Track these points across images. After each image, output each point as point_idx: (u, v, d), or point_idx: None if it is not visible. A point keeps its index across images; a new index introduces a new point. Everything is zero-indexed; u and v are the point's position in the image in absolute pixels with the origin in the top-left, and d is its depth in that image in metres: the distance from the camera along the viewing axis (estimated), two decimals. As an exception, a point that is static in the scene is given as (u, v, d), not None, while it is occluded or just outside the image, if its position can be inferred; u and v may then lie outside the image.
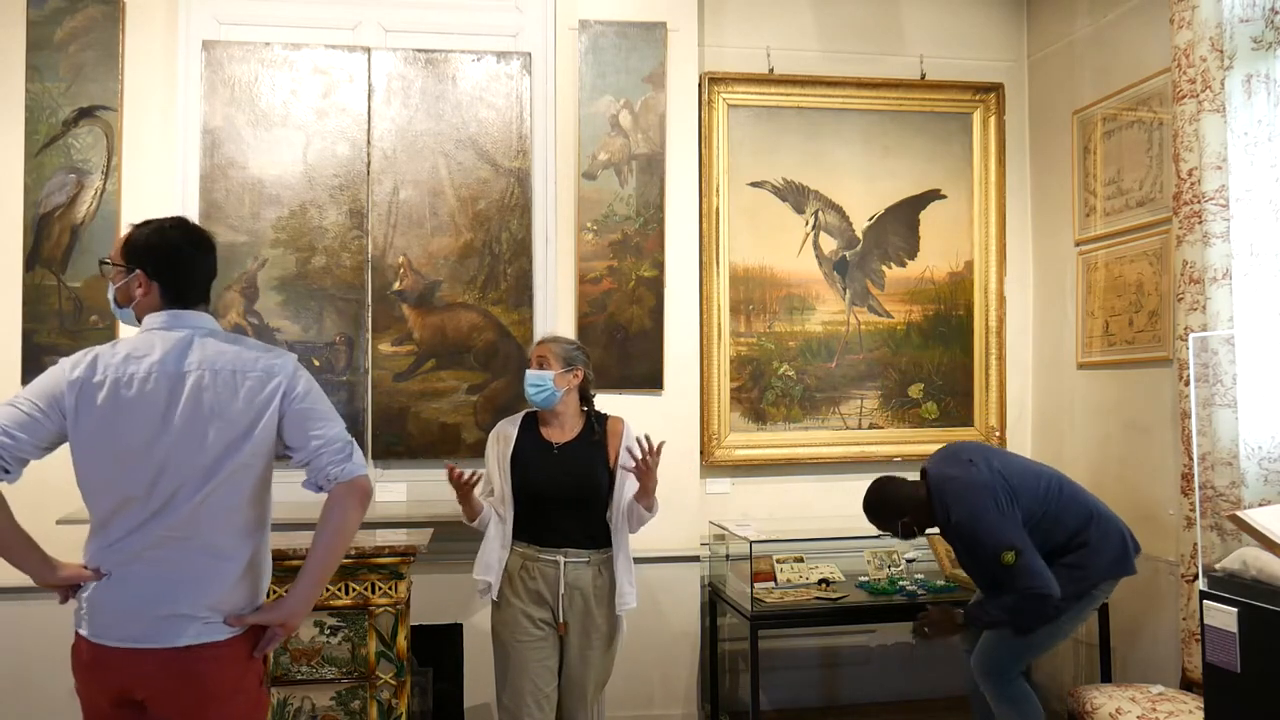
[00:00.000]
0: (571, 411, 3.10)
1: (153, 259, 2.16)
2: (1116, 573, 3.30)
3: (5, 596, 3.76)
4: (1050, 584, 3.09)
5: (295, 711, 2.93)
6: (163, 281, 2.15)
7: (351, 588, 2.95)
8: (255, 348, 2.17)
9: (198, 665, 2.03)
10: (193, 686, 2.03)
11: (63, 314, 3.82)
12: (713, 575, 4.23)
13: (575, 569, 2.98)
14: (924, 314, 4.55)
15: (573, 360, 3.07)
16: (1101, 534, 3.28)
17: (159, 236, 2.17)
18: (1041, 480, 3.32)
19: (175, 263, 2.16)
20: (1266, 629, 2.45)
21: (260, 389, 2.10)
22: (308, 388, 2.15)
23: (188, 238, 2.20)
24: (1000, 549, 3.09)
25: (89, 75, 3.85)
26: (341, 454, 2.11)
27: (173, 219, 2.24)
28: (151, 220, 2.22)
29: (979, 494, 3.17)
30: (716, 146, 4.36)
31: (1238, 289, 3.23)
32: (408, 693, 3.00)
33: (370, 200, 3.86)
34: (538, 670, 2.95)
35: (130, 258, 2.17)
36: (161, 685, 2.03)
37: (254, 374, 2.10)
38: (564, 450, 3.05)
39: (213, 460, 2.06)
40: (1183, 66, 3.37)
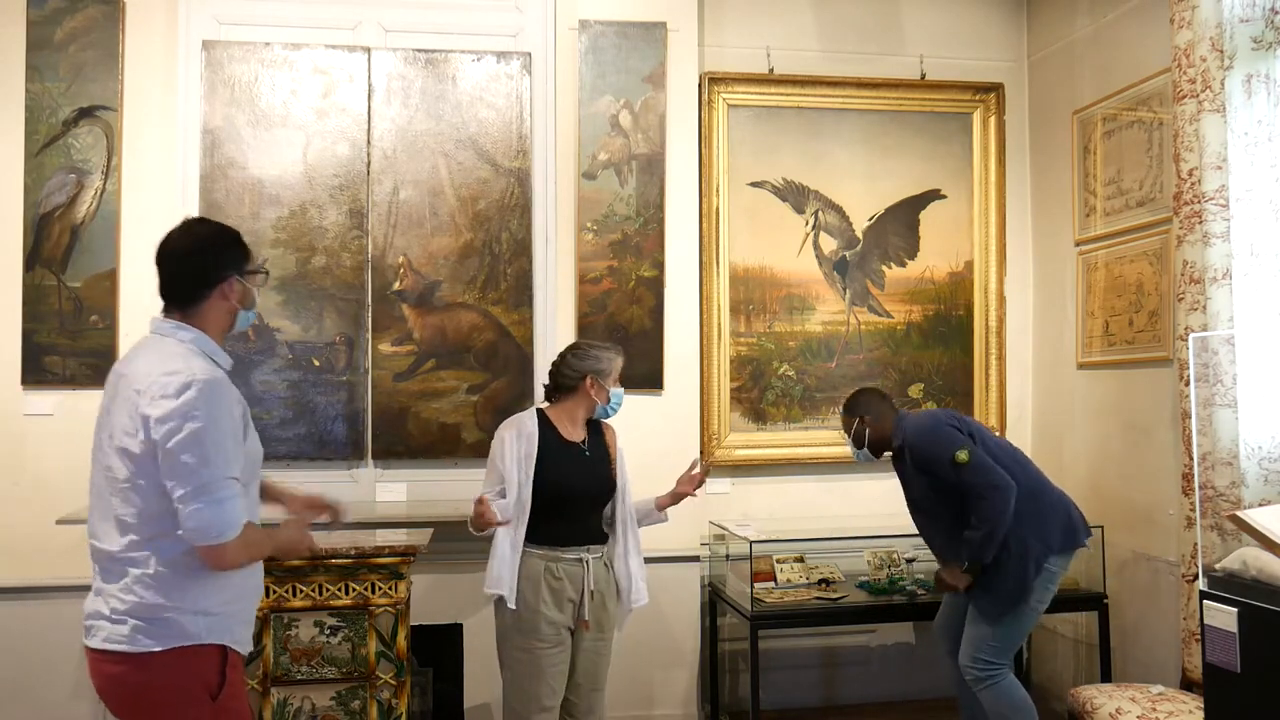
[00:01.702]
0: (585, 413, 3.15)
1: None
2: (1068, 545, 3.34)
3: (5, 596, 3.76)
4: (1003, 476, 3.20)
5: (295, 711, 2.93)
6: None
7: (351, 588, 2.94)
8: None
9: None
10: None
11: (63, 314, 3.82)
12: (713, 575, 4.23)
13: (597, 566, 3.03)
14: (924, 314, 4.55)
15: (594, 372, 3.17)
16: (1050, 505, 3.35)
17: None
18: (1000, 443, 3.50)
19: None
20: (1266, 629, 2.45)
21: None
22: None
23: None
24: (954, 450, 3.23)
25: (89, 75, 3.85)
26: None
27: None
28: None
29: (934, 417, 3.42)
30: (716, 146, 4.36)
31: (1238, 289, 3.23)
32: (408, 693, 3.00)
33: (370, 200, 3.86)
34: (553, 675, 2.94)
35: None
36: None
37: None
38: (583, 449, 3.11)
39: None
40: (1183, 66, 3.37)
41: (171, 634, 2.01)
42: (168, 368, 2.02)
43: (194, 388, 1.98)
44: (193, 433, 1.96)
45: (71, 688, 3.80)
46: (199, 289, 2.14)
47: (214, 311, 2.16)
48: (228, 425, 2.03)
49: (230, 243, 2.20)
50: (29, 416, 3.82)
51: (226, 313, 2.18)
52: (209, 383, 2.01)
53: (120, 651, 2.01)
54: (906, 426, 3.42)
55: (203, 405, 1.98)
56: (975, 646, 3.34)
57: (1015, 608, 3.28)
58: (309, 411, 3.79)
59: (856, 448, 3.57)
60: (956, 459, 3.22)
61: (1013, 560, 3.25)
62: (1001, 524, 3.20)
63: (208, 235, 2.21)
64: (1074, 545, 3.36)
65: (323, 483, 3.77)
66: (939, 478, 3.30)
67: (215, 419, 2.00)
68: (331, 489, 3.74)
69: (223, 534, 1.98)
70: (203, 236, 2.20)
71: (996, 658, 3.31)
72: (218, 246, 2.18)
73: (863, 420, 3.51)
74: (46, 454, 3.82)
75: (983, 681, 3.31)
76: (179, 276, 2.15)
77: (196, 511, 1.96)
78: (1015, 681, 3.35)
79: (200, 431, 1.96)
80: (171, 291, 2.15)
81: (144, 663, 2.01)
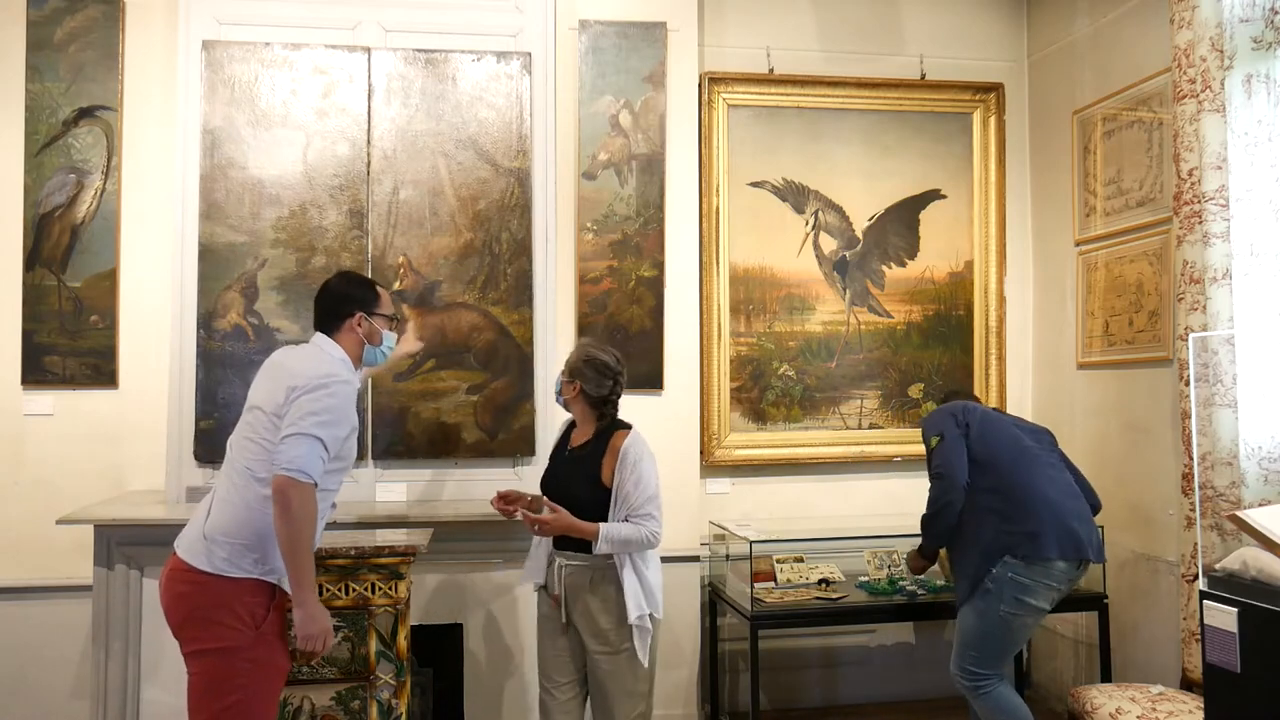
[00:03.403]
0: (583, 419, 3.13)
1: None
2: (1035, 555, 3.15)
3: (5, 596, 3.76)
4: (954, 471, 3.30)
5: (295, 711, 2.93)
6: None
7: (351, 588, 2.94)
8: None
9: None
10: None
11: (63, 314, 3.82)
12: (713, 575, 4.23)
13: (570, 572, 2.99)
14: (924, 314, 4.55)
15: (575, 373, 3.09)
16: (1028, 511, 3.19)
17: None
18: (1006, 442, 3.36)
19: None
20: (1266, 629, 2.45)
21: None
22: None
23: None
24: (931, 434, 3.42)
25: (89, 75, 3.85)
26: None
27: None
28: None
29: (941, 409, 3.57)
30: (716, 146, 4.36)
31: (1238, 289, 3.23)
32: (408, 693, 3.00)
33: (370, 200, 3.86)
34: (548, 659, 3.08)
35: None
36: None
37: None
38: (572, 454, 3.10)
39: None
40: (1183, 66, 3.37)
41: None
42: (322, 369, 2.54)
43: (332, 381, 2.50)
44: (320, 398, 2.44)
45: (71, 688, 3.80)
46: (334, 319, 2.69)
47: (347, 342, 2.69)
48: (343, 414, 2.50)
49: (360, 284, 2.78)
50: (29, 416, 3.82)
51: (356, 344, 2.72)
52: (347, 381, 2.56)
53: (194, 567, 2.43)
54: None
55: (340, 388, 2.50)
56: (958, 655, 3.34)
57: (975, 608, 3.25)
58: (309, 411, 3.79)
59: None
60: (930, 442, 3.41)
61: (965, 554, 3.33)
62: (942, 513, 3.32)
63: (344, 278, 2.79)
64: (1043, 557, 3.15)
65: (323, 483, 3.79)
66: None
67: (336, 403, 2.47)
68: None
69: (301, 468, 2.36)
70: (342, 278, 2.80)
71: (980, 667, 3.27)
72: (348, 287, 2.75)
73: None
74: (46, 454, 3.83)
75: (971, 691, 3.31)
76: (321, 308, 2.71)
77: (290, 442, 2.38)
78: (1008, 691, 3.29)
79: (327, 400, 2.45)
80: (320, 319, 2.71)
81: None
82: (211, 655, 2.39)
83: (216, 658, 2.39)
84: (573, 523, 2.92)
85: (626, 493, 2.93)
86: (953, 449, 3.33)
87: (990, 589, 3.21)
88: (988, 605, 3.23)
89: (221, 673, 2.38)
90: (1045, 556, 3.17)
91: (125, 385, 3.88)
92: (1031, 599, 3.20)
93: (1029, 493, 3.24)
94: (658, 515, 2.95)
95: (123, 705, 3.47)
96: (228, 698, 2.38)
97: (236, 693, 2.38)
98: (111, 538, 3.45)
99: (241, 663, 2.39)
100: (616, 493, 2.94)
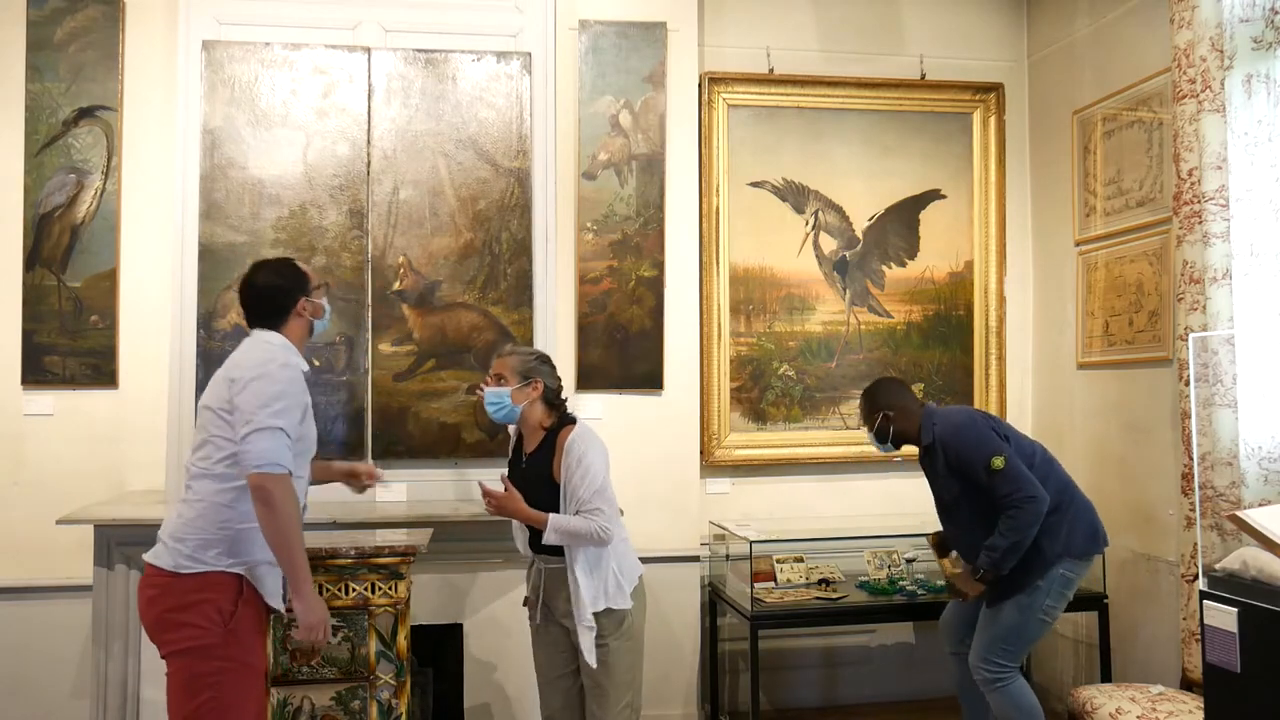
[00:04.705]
0: (535, 423, 3.02)
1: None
2: (1089, 551, 3.31)
3: (5, 596, 3.76)
4: (1037, 487, 3.14)
5: (295, 711, 2.93)
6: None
7: (351, 588, 2.94)
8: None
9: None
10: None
11: (63, 314, 3.82)
12: (713, 575, 4.23)
13: (550, 575, 3.00)
14: (924, 314, 4.55)
15: (530, 372, 2.99)
16: (1077, 509, 3.30)
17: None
18: (1033, 445, 3.41)
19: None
20: (1266, 629, 2.45)
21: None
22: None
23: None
24: (990, 455, 3.16)
25: (89, 75, 3.85)
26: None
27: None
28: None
29: (969, 417, 3.35)
30: (716, 146, 4.36)
31: (1238, 289, 3.23)
32: (408, 693, 3.00)
33: (370, 200, 3.86)
34: (545, 659, 3.11)
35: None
36: None
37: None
38: (528, 463, 3.04)
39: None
40: (1183, 66, 3.37)
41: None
42: (263, 355, 2.51)
43: (272, 365, 2.48)
44: (264, 387, 2.42)
45: (71, 688, 3.80)
46: (280, 314, 2.63)
47: (295, 328, 2.65)
48: (291, 394, 2.48)
49: (292, 271, 2.69)
50: (29, 416, 3.82)
51: (304, 326, 2.68)
52: (290, 364, 2.53)
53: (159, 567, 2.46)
54: (939, 423, 3.32)
55: (280, 373, 2.47)
56: (986, 648, 3.31)
57: (1019, 605, 3.25)
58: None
59: (880, 442, 3.45)
60: (992, 464, 3.14)
61: (1023, 562, 3.20)
62: (1028, 538, 3.14)
63: (274, 270, 2.68)
64: (1094, 551, 3.32)
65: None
66: (970, 480, 3.23)
67: (281, 386, 2.45)
68: (332, 489, 3.77)
69: (269, 463, 2.36)
70: (271, 271, 2.67)
71: (1007, 660, 3.29)
72: (283, 278, 2.66)
73: (887, 416, 3.38)
74: (46, 454, 3.83)
75: (992, 683, 3.30)
76: (262, 309, 2.63)
77: (252, 440, 2.37)
78: (1025, 685, 3.32)
79: (271, 388, 2.42)
80: (260, 320, 2.64)
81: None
82: (183, 655, 2.40)
83: (188, 657, 2.40)
84: (522, 507, 2.89)
85: (574, 487, 2.87)
86: (1022, 467, 3.16)
87: (1040, 586, 3.23)
88: (1034, 601, 3.23)
89: (193, 671, 2.39)
90: (1098, 551, 3.33)
91: (125, 385, 3.88)
92: (1071, 590, 3.30)
93: (1072, 492, 3.33)
94: (607, 509, 2.87)
95: (123, 705, 3.47)
96: (200, 695, 2.38)
97: (208, 690, 2.39)
98: (111, 538, 3.46)
99: (213, 661, 2.39)
100: (564, 488, 2.89)
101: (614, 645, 2.95)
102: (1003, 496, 3.14)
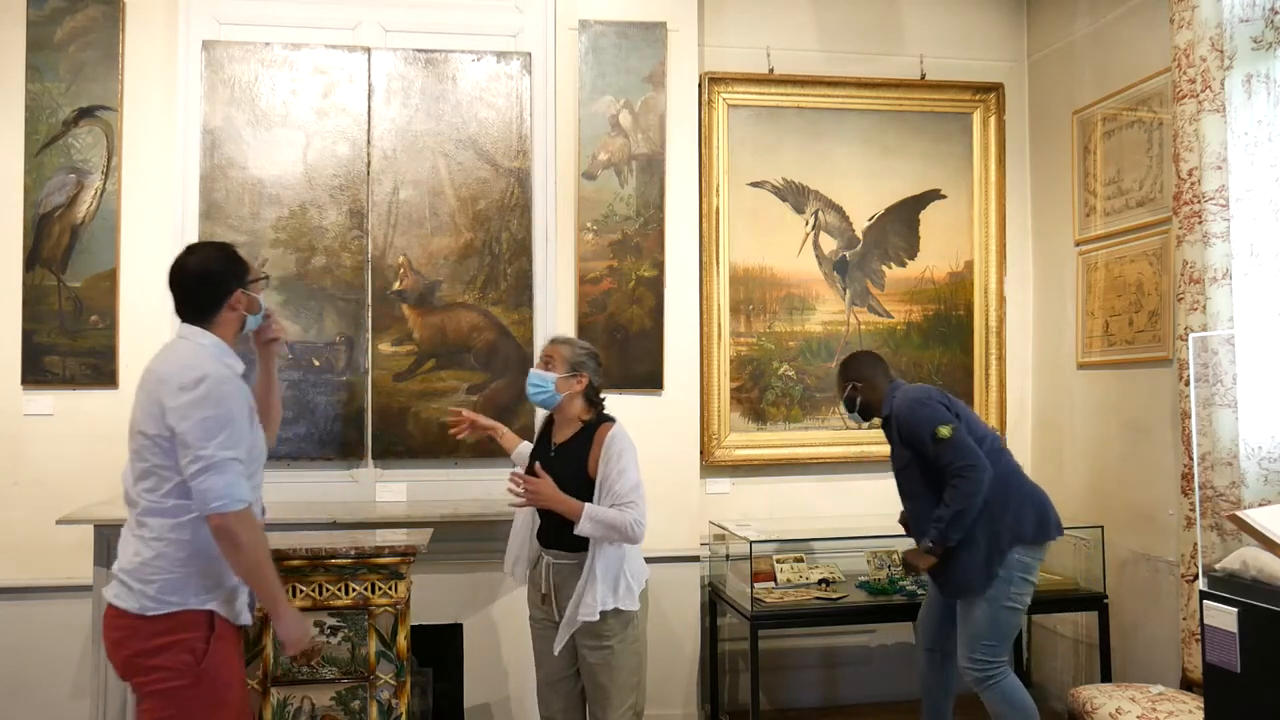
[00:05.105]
0: (573, 415, 3.05)
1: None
2: (1040, 537, 3.31)
3: (5, 596, 3.76)
4: (980, 457, 3.21)
5: (295, 711, 2.93)
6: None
7: (351, 588, 2.94)
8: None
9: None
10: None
11: (63, 314, 3.82)
12: (713, 575, 4.23)
13: (558, 570, 2.99)
14: (924, 314, 4.55)
15: (579, 365, 3.03)
16: (1024, 497, 3.33)
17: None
18: (986, 431, 3.47)
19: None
20: (1266, 629, 2.45)
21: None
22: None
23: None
24: (936, 424, 3.25)
25: (89, 75, 3.85)
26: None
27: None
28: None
29: (925, 392, 3.43)
30: (716, 146, 4.36)
31: (1238, 289, 3.23)
32: (408, 693, 3.00)
33: (370, 200, 3.86)
34: (545, 656, 3.07)
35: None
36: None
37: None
38: (559, 451, 3.05)
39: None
40: (1183, 66, 3.37)
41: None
42: (189, 363, 2.32)
43: (207, 382, 2.28)
44: (207, 413, 2.26)
45: (71, 688, 3.81)
46: (211, 305, 2.42)
47: (226, 322, 2.44)
48: (234, 414, 2.31)
49: (229, 259, 2.47)
50: (29, 416, 3.82)
51: (236, 321, 2.47)
52: (222, 377, 2.33)
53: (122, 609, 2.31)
54: (896, 397, 3.44)
55: (218, 391, 2.29)
56: (969, 648, 3.33)
57: (987, 598, 3.26)
58: (309, 411, 3.79)
59: (848, 411, 3.62)
60: (938, 434, 3.24)
61: (974, 547, 3.26)
62: (972, 506, 3.21)
63: (208, 256, 2.46)
64: (1045, 538, 3.33)
65: (323, 483, 3.79)
66: (920, 452, 3.32)
67: (225, 408, 2.29)
68: (332, 489, 3.79)
69: (228, 501, 2.24)
70: (206, 257, 2.46)
71: (990, 656, 3.29)
72: (219, 265, 2.44)
73: (855, 387, 3.53)
74: (46, 454, 3.83)
75: (983, 681, 3.30)
76: (191, 297, 2.42)
77: (204, 479, 2.23)
78: (1017, 682, 3.33)
79: (209, 418, 2.26)
80: (187, 310, 2.42)
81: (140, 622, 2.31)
82: (155, 697, 2.29)
83: (160, 699, 2.28)
84: (558, 494, 2.89)
85: (611, 482, 2.89)
86: (968, 439, 3.26)
87: (1000, 576, 3.26)
88: (998, 592, 3.26)
89: (165, 714, 2.28)
90: (1050, 537, 3.33)
91: (125, 385, 3.88)
92: (1032, 576, 3.32)
93: (1019, 479, 3.38)
94: (641, 505, 2.90)
95: (123, 705, 3.46)
96: None
97: None
98: (111, 538, 3.43)
99: (186, 703, 2.28)
100: (601, 484, 2.91)
101: (619, 648, 2.95)
102: (946, 465, 3.23)
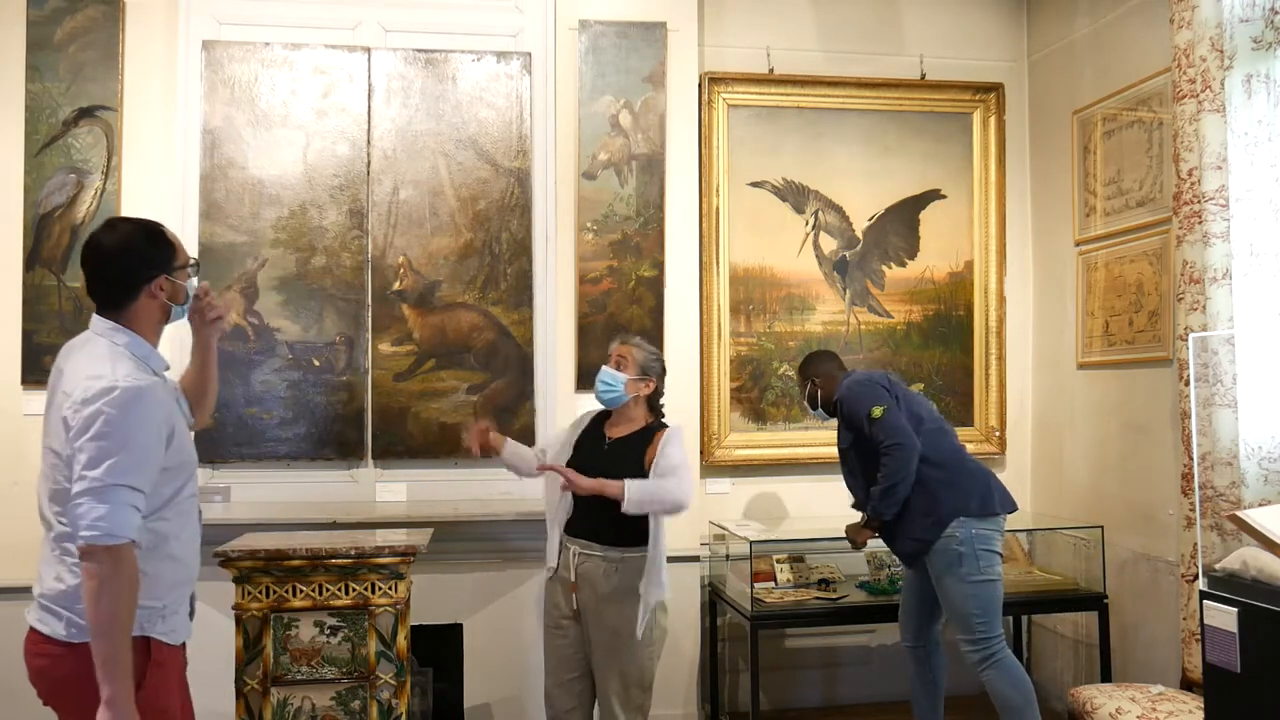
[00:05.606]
0: (634, 417, 3.14)
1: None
2: (986, 510, 3.38)
3: (5, 596, 3.76)
4: (909, 436, 3.34)
5: (295, 711, 2.93)
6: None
7: (351, 588, 2.94)
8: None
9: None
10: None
11: (63, 314, 3.82)
12: (713, 575, 4.23)
13: (586, 561, 3.02)
14: (924, 314, 4.55)
15: (649, 370, 3.14)
16: (965, 476, 3.43)
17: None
18: (927, 412, 3.55)
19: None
20: (1266, 629, 2.45)
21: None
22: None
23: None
24: (872, 405, 3.39)
25: (89, 75, 3.84)
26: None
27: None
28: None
29: (868, 376, 3.58)
30: (716, 146, 4.36)
31: (1238, 289, 3.23)
32: (408, 693, 3.00)
33: (370, 200, 3.86)
34: (554, 657, 3.11)
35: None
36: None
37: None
38: (614, 445, 3.11)
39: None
40: (1183, 66, 3.37)
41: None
42: (93, 371, 1.99)
43: (112, 394, 1.95)
44: (99, 436, 1.93)
45: (71, 688, 3.79)
46: (127, 291, 2.09)
47: (145, 312, 2.12)
48: (139, 436, 1.97)
49: (153, 240, 2.12)
50: (29, 416, 3.82)
51: (158, 311, 2.14)
52: (128, 390, 1.97)
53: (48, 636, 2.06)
54: (843, 384, 3.57)
55: (117, 412, 1.94)
56: (962, 628, 3.38)
57: (962, 580, 3.32)
58: (309, 411, 3.79)
59: (811, 408, 3.76)
60: (872, 414, 3.37)
61: (916, 517, 3.37)
62: (901, 481, 3.33)
63: (130, 235, 2.11)
64: (991, 511, 3.39)
65: (323, 483, 3.79)
66: (859, 432, 3.43)
67: (126, 428, 1.95)
68: (332, 489, 3.79)
69: (102, 534, 1.92)
70: (126, 235, 2.11)
71: (987, 631, 3.35)
72: (140, 246, 2.10)
73: (813, 382, 3.71)
74: (46, 454, 3.82)
75: (984, 661, 3.34)
76: (105, 280, 2.09)
77: (85, 502, 1.93)
78: (1014, 660, 3.38)
79: (107, 438, 1.93)
80: (99, 295, 2.11)
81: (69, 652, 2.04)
82: None
83: None
84: (591, 481, 2.97)
85: (663, 470, 3.00)
86: (899, 418, 3.37)
87: (963, 552, 3.33)
88: (966, 568, 3.33)
89: None
90: (996, 511, 3.41)
91: (125, 385, 3.88)
92: (995, 547, 3.40)
93: (960, 457, 3.48)
94: (685, 477, 3.00)
95: (123, 705, 3.46)
96: None
97: None
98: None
99: None
100: (652, 471, 3.01)
101: (646, 651, 3.05)
102: (878, 443, 3.36)
